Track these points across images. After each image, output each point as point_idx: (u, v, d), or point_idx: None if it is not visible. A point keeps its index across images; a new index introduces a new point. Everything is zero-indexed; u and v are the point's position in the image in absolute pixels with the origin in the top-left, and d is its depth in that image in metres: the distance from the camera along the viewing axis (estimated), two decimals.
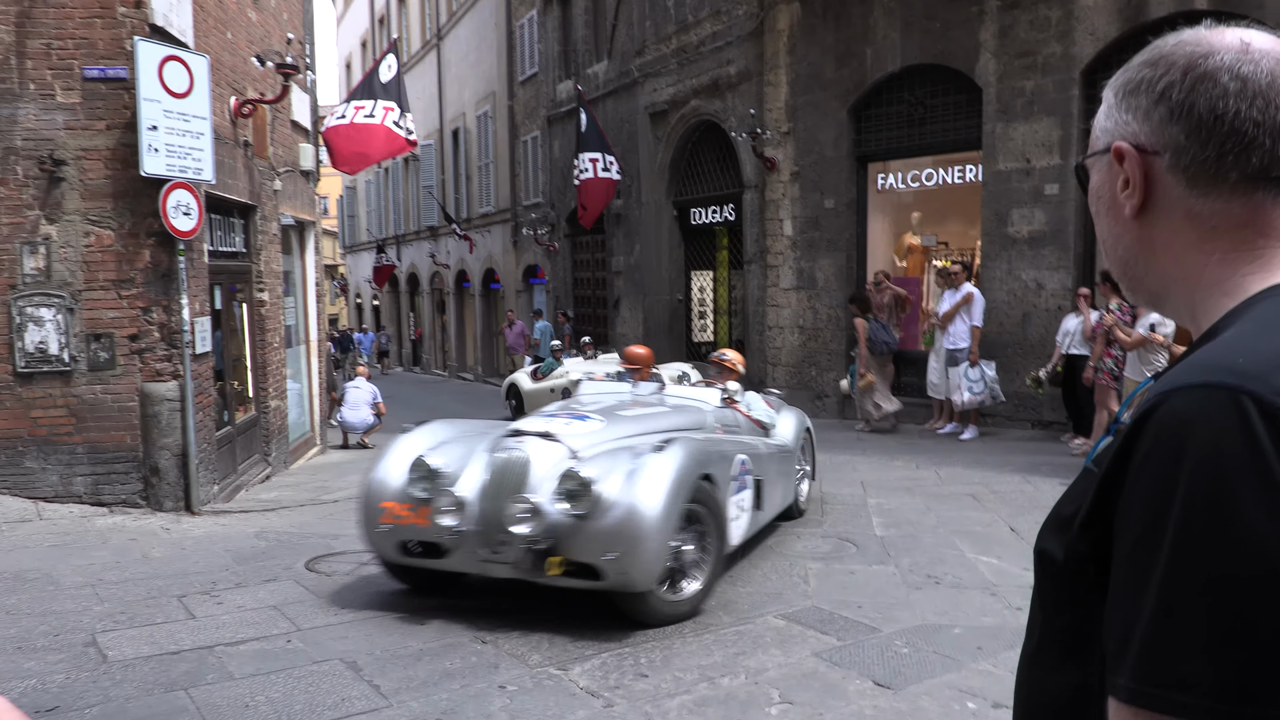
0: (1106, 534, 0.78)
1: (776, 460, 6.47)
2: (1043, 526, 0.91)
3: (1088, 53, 9.82)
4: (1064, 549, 0.84)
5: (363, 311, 38.69)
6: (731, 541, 5.38)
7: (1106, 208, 0.96)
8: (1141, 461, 0.74)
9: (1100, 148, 0.96)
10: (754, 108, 13.14)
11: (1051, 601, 0.88)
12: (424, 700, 3.94)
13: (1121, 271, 0.99)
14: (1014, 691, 0.98)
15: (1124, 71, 0.94)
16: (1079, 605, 0.83)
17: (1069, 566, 0.84)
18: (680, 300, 16.34)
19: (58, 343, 7.44)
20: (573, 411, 5.86)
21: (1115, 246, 0.97)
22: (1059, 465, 8.56)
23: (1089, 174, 1.00)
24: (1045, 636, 0.89)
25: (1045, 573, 0.89)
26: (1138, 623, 0.71)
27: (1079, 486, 0.86)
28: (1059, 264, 10.18)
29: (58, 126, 7.39)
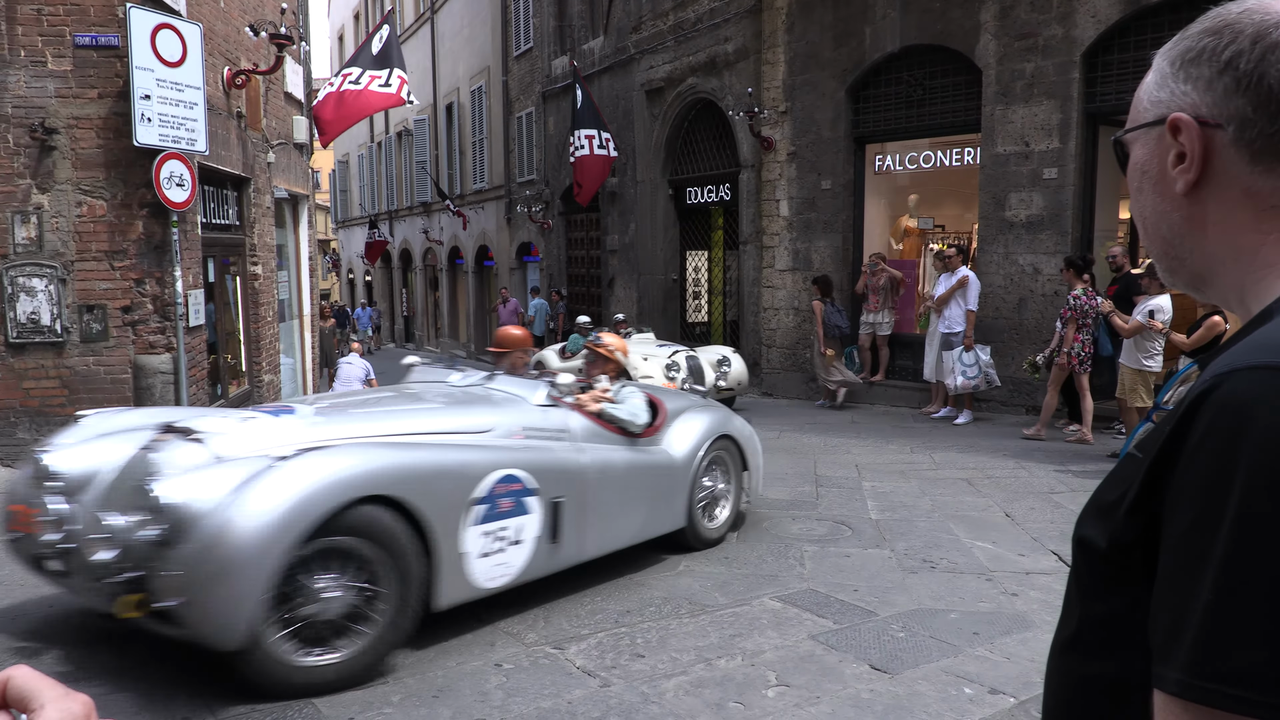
0: (1154, 520, 0.75)
1: (636, 476, 5.21)
2: (1082, 513, 0.88)
3: (1089, 35, 9.76)
4: (1107, 536, 0.81)
5: (355, 287, 38.51)
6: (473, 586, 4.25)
7: (1153, 183, 0.91)
8: (1198, 444, 0.71)
9: (1150, 119, 0.91)
10: (751, 86, 13.05)
11: (1091, 589, 0.85)
12: (419, 677, 3.93)
13: (1163, 251, 0.94)
14: (1045, 679, 0.96)
15: (1181, 40, 0.90)
16: (1121, 593, 0.81)
17: (1112, 554, 0.81)
18: (675, 280, 16.29)
19: (50, 313, 7.37)
20: (280, 406, 4.90)
21: (1159, 224, 0.92)
22: (1053, 451, 8.59)
23: (1127, 149, 0.95)
24: (1083, 625, 0.86)
25: (1085, 560, 0.86)
26: (1190, 612, 0.68)
27: (1122, 472, 0.84)
28: (1056, 248, 10.16)
29: (49, 94, 7.29)
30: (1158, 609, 0.73)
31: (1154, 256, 0.96)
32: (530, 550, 4.55)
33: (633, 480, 5.23)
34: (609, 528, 5.10)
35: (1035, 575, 5.17)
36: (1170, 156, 0.88)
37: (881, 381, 12.06)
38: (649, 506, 5.35)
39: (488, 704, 3.67)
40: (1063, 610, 0.92)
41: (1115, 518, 0.80)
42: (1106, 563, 0.82)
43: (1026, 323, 10.44)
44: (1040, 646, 4.16)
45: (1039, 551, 5.61)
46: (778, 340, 13.18)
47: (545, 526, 4.61)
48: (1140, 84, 0.95)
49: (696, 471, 5.67)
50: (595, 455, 5.05)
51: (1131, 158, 0.95)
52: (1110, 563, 0.81)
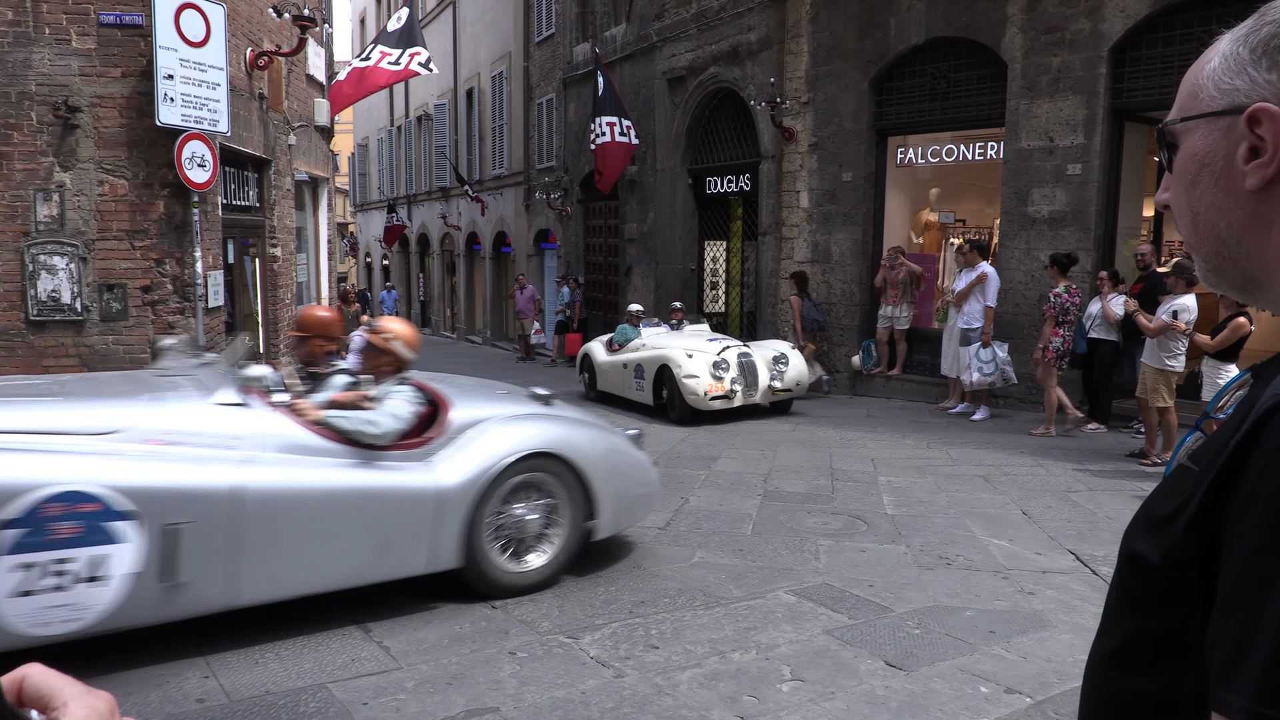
0: (1214, 536, 0.72)
1: (353, 500, 4.27)
2: (1131, 526, 0.85)
3: (1117, 30, 9.63)
4: (1161, 551, 0.78)
5: (372, 271, 38.60)
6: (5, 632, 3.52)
7: (1215, 177, 0.84)
8: (1267, 462, 0.68)
9: (1220, 108, 0.84)
10: (774, 76, 12.96)
11: (1142, 604, 0.82)
12: (433, 664, 3.94)
13: (1214, 249, 0.87)
14: (1082, 691, 0.93)
15: (1261, 23, 0.83)
16: (1174, 610, 0.77)
17: (1167, 570, 0.78)
18: (693, 270, 16.23)
19: (70, 292, 7.40)
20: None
21: (1215, 221, 0.85)
22: (1071, 449, 8.52)
23: (1177, 138, 0.88)
24: (1131, 639, 0.83)
25: (1136, 575, 0.82)
26: (1257, 636, 0.65)
27: (1175, 484, 0.81)
28: (1079, 245, 10.06)
29: (73, 72, 7.30)
30: (1219, 630, 0.70)
31: (1200, 254, 0.90)
32: (119, 590, 3.66)
33: (344, 505, 4.22)
34: (290, 565, 4.10)
35: (1052, 574, 5.13)
36: (1242, 149, 0.82)
37: (899, 376, 11.99)
38: (378, 540, 4.32)
39: (501, 692, 3.67)
40: (1104, 622, 0.89)
41: (1171, 532, 0.77)
42: (1160, 578, 0.79)
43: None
44: (1057, 646, 4.13)
45: (1056, 550, 5.56)
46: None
47: (153, 560, 3.72)
48: (1198, 68, 0.88)
49: (482, 498, 4.56)
50: (271, 473, 4.04)
51: (1184, 147, 0.88)
52: (1164, 578, 0.78)
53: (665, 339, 11.41)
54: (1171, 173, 0.91)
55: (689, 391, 9.89)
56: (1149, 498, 0.86)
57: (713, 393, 9.87)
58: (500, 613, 4.52)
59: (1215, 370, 7.45)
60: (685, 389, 9.91)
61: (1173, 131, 0.89)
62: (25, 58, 7.23)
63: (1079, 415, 9.31)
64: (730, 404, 10.02)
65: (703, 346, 10.59)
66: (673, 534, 5.96)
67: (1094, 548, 5.60)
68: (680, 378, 10.00)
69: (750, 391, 10.11)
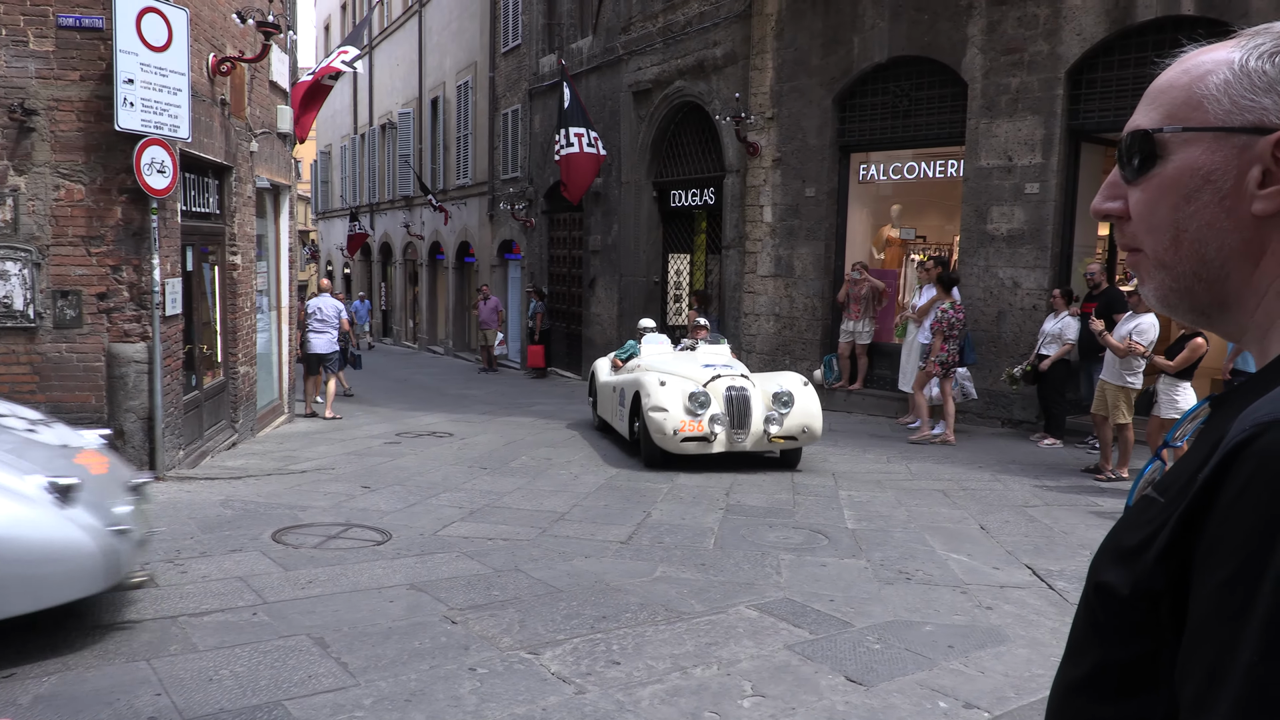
0: (1184, 569, 0.73)
1: None
2: (1099, 556, 0.85)
3: (1074, 52, 9.85)
4: (1131, 583, 0.78)
5: (334, 279, 38.21)
6: None
7: (1219, 196, 0.79)
8: (1237, 495, 0.68)
9: (1239, 124, 0.79)
10: (739, 91, 13.07)
11: (1111, 635, 0.81)
12: (392, 680, 3.89)
13: (1192, 269, 0.83)
14: (1046, 717, 0.94)
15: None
16: (1144, 640, 0.77)
17: (1136, 601, 0.77)
18: (657, 282, 16.27)
19: (23, 298, 7.24)
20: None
21: (1205, 240, 0.81)
22: (1029, 464, 8.65)
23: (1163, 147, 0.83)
24: (1100, 668, 0.83)
25: (1104, 606, 0.82)
26: (1229, 669, 0.65)
27: (1141, 515, 0.81)
28: (1036, 263, 10.24)
29: (29, 74, 7.16)
30: (1189, 663, 0.70)
31: (1170, 272, 0.85)
32: None
33: None
34: None
35: (1009, 589, 5.20)
36: (1255, 172, 0.78)
37: (860, 390, 12.10)
38: None
39: (461, 709, 3.63)
40: (1070, 649, 0.88)
41: (1141, 564, 0.77)
42: (1130, 609, 0.78)
43: (1005, 335, 10.51)
44: (1015, 661, 4.18)
45: (1013, 565, 5.64)
46: (758, 346, 13.20)
47: None
48: (1193, 76, 0.82)
49: None
50: None
51: (1179, 159, 0.82)
52: (1134, 609, 0.78)
53: (663, 359, 9.67)
54: (1134, 181, 0.86)
55: (654, 428, 8.24)
56: (1115, 528, 0.86)
57: (685, 431, 8.16)
58: (460, 628, 4.48)
59: (1171, 388, 7.58)
60: (651, 424, 8.26)
61: (1161, 140, 0.83)
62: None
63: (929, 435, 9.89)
64: (708, 448, 8.27)
65: (690, 371, 8.83)
66: (635, 548, 5.95)
67: (1050, 562, 5.68)
68: (646, 410, 8.33)
69: (738, 434, 8.27)
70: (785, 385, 8.50)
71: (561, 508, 7.00)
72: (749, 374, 8.98)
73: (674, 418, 8.22)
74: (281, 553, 5.69)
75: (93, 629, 4.33)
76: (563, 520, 6.65)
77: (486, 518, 6.71)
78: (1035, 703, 3.77)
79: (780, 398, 8.38)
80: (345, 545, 5.91)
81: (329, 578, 5.21)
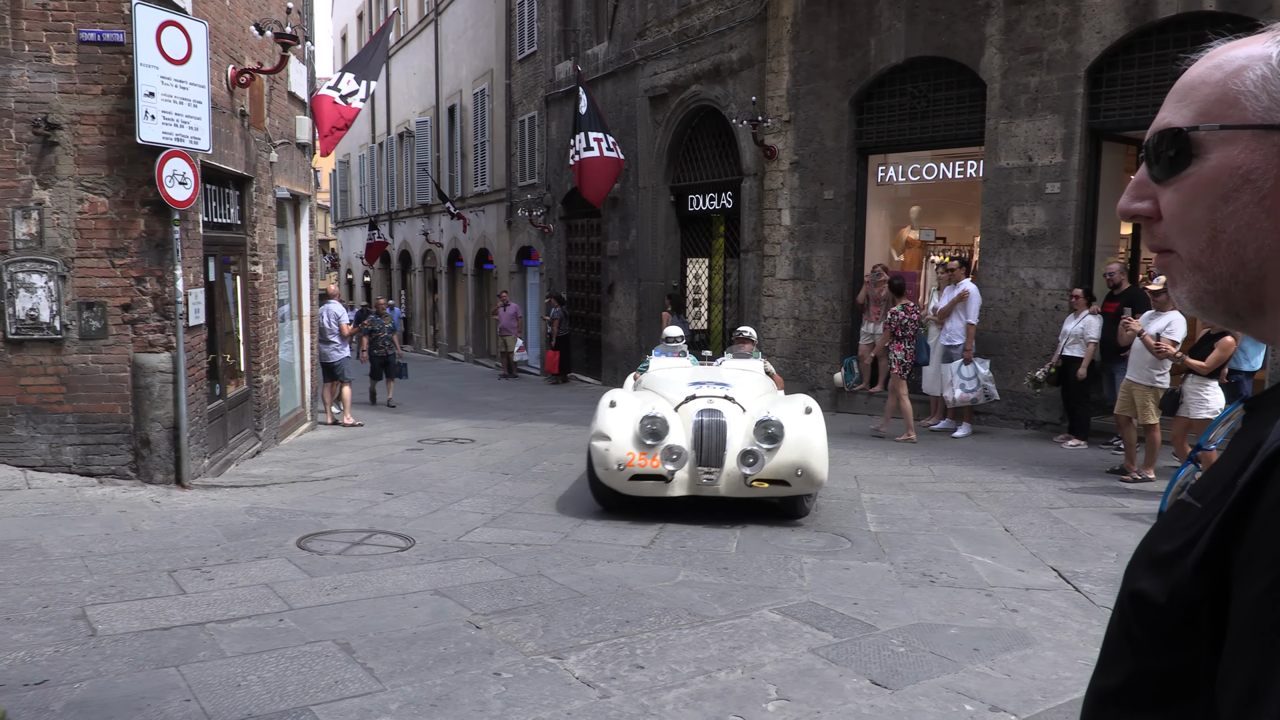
0: (1223, 577, 0.71)
1: None
2: (1133, 564, 0.83)
3: (1094, 51, 9.78)
4: (1168, 591, 0.76)
5: (354, 287, 38.44)
6: None
7: (1260, 196, 0.77)
8: (1276, 503, 0.67)
9: (1278, 121, 0.76)
10: (755, 95, 13.06)
11: (1147, 644, 0.79)
12: (417, 685, 3.91)
13: (1231, 270, 0.80)
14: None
15: None
16: (1182, 650, 0.76)
17: (1173, 610, 0.75)
18: (675, 287, 16.27)
19: (49, 310, 7.33)
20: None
21: (1244, 241, 0.78)
22: (1053, 466, 8.58)
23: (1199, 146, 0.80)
24: (1135, 677, 0.81)
25: (1139, 615, 0.80)
26: (1269, 682, 0.64)
27: (1177, 521, 0.79)
28: (1058, 263, 10.17)
29: (52, 89, 7.26)
30: (1229, 674, 0.69)
31: (1207, 274, 0.82)
32: None
33: None
34: None
35: (1035, 591, 5.16)
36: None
37: (881, 392, 12.05)
38: None
39: (486, 714, 3.64)
40: (1104, 657, 0.87)
41: (1178, 572, 0.75)
42: (1167, 618, 0.76)
43: (1027, 336, 10.44)
44: (1041, 664, 4.15)
45: (1038, 567, 5.59)
46: (778, 350, 13.17)
47: None
48: (1226, 72, 0.80)
49: None
50: None
51: (1216, 158, 0.79)
52: (1172, 618, 0.76)
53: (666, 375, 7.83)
54: (1165, 181, 0.83)
55: (597, 460, 6.67)
56: (1150, 534, 0.84)
57: (633, 466, 6.53)
58: (484, 633, 4.49)
59: (1200, 387, 7.46)
60: (593, 454, 6.72)
61: (1196, 139, 0.80)
62: (4, 75, 7.18)
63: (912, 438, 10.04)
64: (664, 489, 6.59)
65: (670, 389, 7.22)
66: (657, 552, 5.95)
67: (1076, 565, 5.63)
68: (591, 437, 6.86)
69: (708, 474, 6.56)
70: (775, 413, 6.56)
71: (583, 513, 7.01)
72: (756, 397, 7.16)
73: (619, 447, 6.55)
74: (306, 559, 5.72)
75: (123, 635, 4.37)
76: (584, 525, 6.65)
77: (509, 523, 6.73)
78: (1062, 706, 3.74)
79: (765, 428, 6.44)
80: (369, 551, 5.95)
81: (354, 584, 5.24)
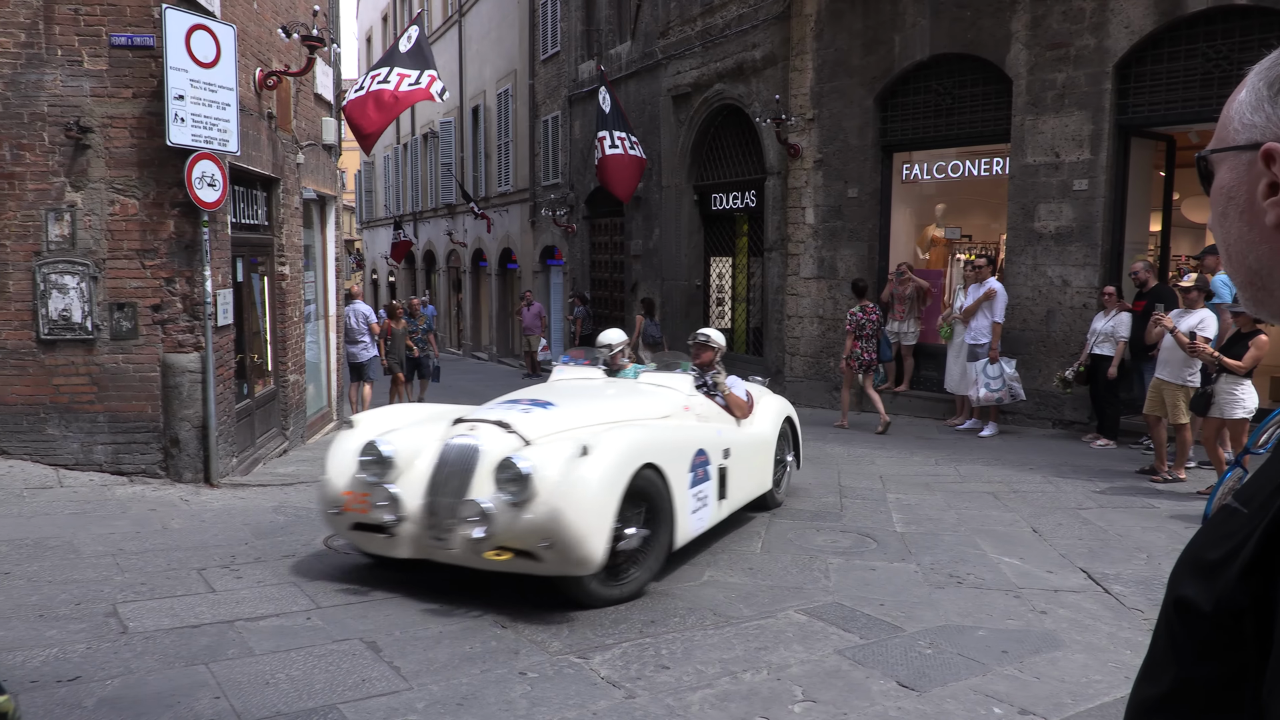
0: (1270, 585, 0.70)
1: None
2: (1178, 569, 0.82)
3: (1122, 46, 9.67)
4: (1214, 599, 0.75)
5: (379, 287, 38.69)
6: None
7: (1240, 211, 0.85)
8: None
9: (1242, 142, 0.84)
10: (778, 93, 13.01)
11: (1193, 652, 0.78)
12: (444, 684, 3.92)
13: (1248, 280, 0.87)
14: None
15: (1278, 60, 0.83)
16: (1228, 658, 0.75)
17: (1220, 618, 0.75)
18: (699, 286, 16.26)
19: (81, 311, 7.43)
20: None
21: (1245, 254, 0.85)
22: (1081, 466, 8.50)
23: (1212, 168, 0.89)
24: (1180, 686, 0.80)
25: (1185, 623, 0.79)
26: None
27: (1223, 527, 0.78)
28: (1086, 261, 10.07)
29: (84, 93, 7.35)
30: (1277, 683, 0.68)
31: (1238, 285, 0.90)
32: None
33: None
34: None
35: (1064, 593, 5.11)
36: (1262, 185, 0.82)
37: (906, 391, 11.98)
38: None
39: (512, 713, 3.65)
40: (1147, 665, 0.86)
41: (1224, 579, 0.74)
42: (1213, 626, 0.75)
43: (1055, 335, 10.34)
44: (1071, 667, 4.11)
45: (1067, 569, 5.54)
46: (801, 349, 13.12)
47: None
48: (1231, 100, 0.88)
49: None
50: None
51: (1216, 179, 0.88)
52: (1217, 626, 0.75)
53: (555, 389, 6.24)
54: None
55: (320, 496, 5.46)
56: (1194, 540, 0.84)
57: (350, 511, 5.10)
58: (510, 632, 4.51)
59: (1234, 386, 7.26)
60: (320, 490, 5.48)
61: (1209, 161, 0.89)
62: (37, 79, 7.29)
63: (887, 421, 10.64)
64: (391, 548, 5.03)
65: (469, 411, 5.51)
66: (681, 552, 5.94)
67: (1106, 566, 5.58)
68: None
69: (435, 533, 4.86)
70: (531, 453, 4.78)
71: None
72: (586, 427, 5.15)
73: (335, 484, 5.21)
74: (334, 558, 5.76)
75: (154, 633, 4.42)
76: None
77: None
78: (1093, 709, 3.70)
79: (504, 472, 4.70)
80: None
81: (380, 583, 5.27)
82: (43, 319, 7.39)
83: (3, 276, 7.38)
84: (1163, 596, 0.85)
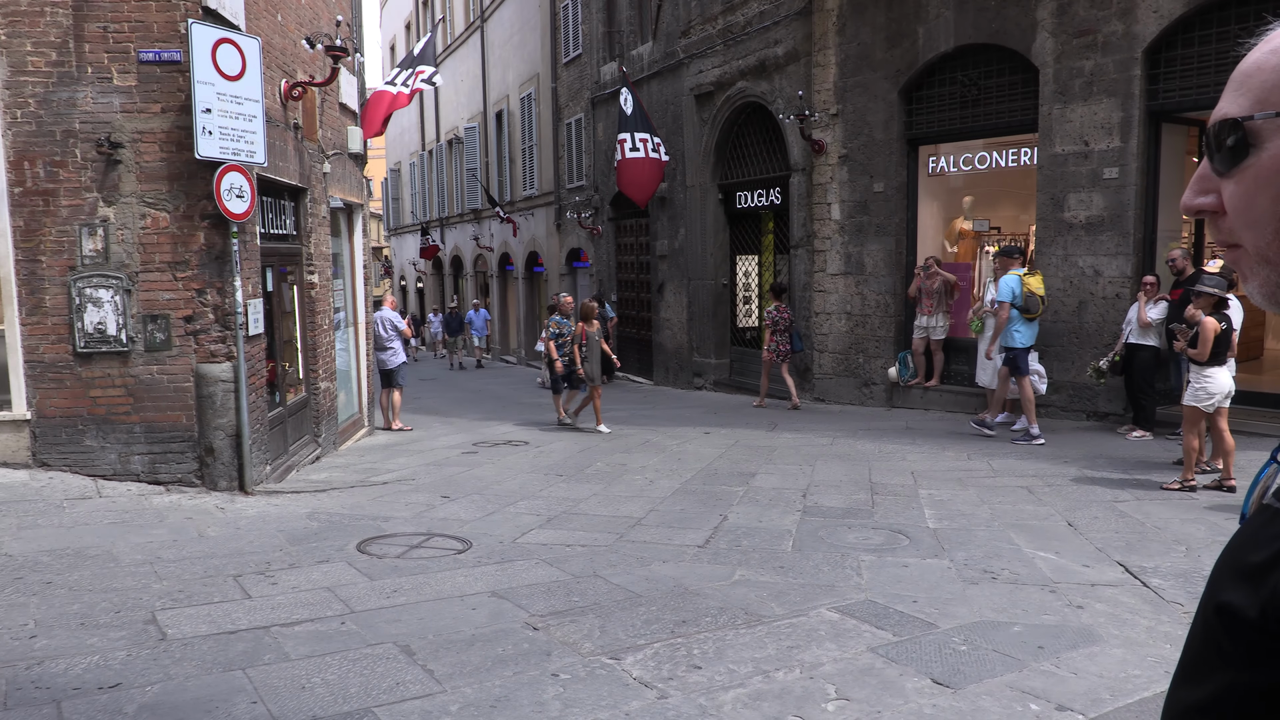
0: None
1: None
2: (1219, 573, 0.79)
3: (1151, 31, 9.53)
4: (1259, 605, 0.71)
5: (407, 293, 38.98)
6: None
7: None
8: None
9: None
10: (802, 89, 12.95)
11: (1238, 659, 0.74)
12: (477, 686, 3.94)
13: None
14: None
15: None
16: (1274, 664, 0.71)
17: (1266, 624, 0.71)
18: (725, 285, 16.23)
19: (116, 323, 7.55)
20: None
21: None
22: (1117, 458, 8.38)
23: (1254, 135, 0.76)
24: (1229, 693, 0.75)
25: (1228, 628, 0.75)
26: None
27: (1264, 528, 0.75)
28: (1118, 250, 9.93)
29: (114, 109, 7.47)
30: None
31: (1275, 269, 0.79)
32: None
33: None
34: None
35: (1101, 587, 5.04)
36: None
37: (936, 387, 11.88)
38: None
39: (545, 715, 3.66)
40: (1185, 668, 0.82)
41: (1269, 583, 0.71)
42: (1260, 633, 0.71)
43: (1087, 326, 10.21)
44: (1109, 662, 4.05)
45: (1104, 562, 5.47)
46: (830, 345, 13.06)
47: None
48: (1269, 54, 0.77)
49: None
50: None
51: (1275, 146, 0.76)
52: (1264, 633, 0.71)
53: None
54: (1227, 174, 0.80)
55: None
56: (1233, 542, 0.80)
57: None
58: (542, 634, 4.52)
59: (1196, 375, 7.15)
60: None
61: (1253, 129, 0.76)
62: (70, 97, 7.41)
63: (797, 404, 12.51)
64: None
65: None
66: (712, 551, 5.94)
67: (1144, 559, 5.49)
68: None
69: None
70: None
71: (638, 513, 7.02)
72: None
73: None
74: (366, 563, 5.81)
75: (192, 639, 4.48)
76: (640, 525, 6.66)
77: (564, 524, 6.77)
78: (1132, 705, 3.65)
79: None
80: (427, 554, 6.02)
81: (413, 586, 5.31)
82: (79, 332, 7.52)
83: (39, 291, 7.52)
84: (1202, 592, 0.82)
